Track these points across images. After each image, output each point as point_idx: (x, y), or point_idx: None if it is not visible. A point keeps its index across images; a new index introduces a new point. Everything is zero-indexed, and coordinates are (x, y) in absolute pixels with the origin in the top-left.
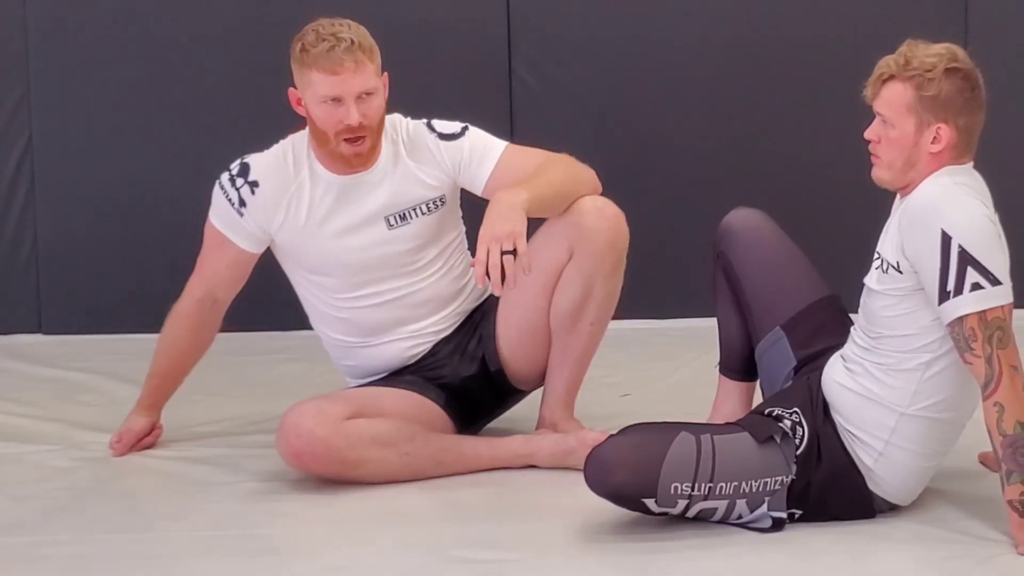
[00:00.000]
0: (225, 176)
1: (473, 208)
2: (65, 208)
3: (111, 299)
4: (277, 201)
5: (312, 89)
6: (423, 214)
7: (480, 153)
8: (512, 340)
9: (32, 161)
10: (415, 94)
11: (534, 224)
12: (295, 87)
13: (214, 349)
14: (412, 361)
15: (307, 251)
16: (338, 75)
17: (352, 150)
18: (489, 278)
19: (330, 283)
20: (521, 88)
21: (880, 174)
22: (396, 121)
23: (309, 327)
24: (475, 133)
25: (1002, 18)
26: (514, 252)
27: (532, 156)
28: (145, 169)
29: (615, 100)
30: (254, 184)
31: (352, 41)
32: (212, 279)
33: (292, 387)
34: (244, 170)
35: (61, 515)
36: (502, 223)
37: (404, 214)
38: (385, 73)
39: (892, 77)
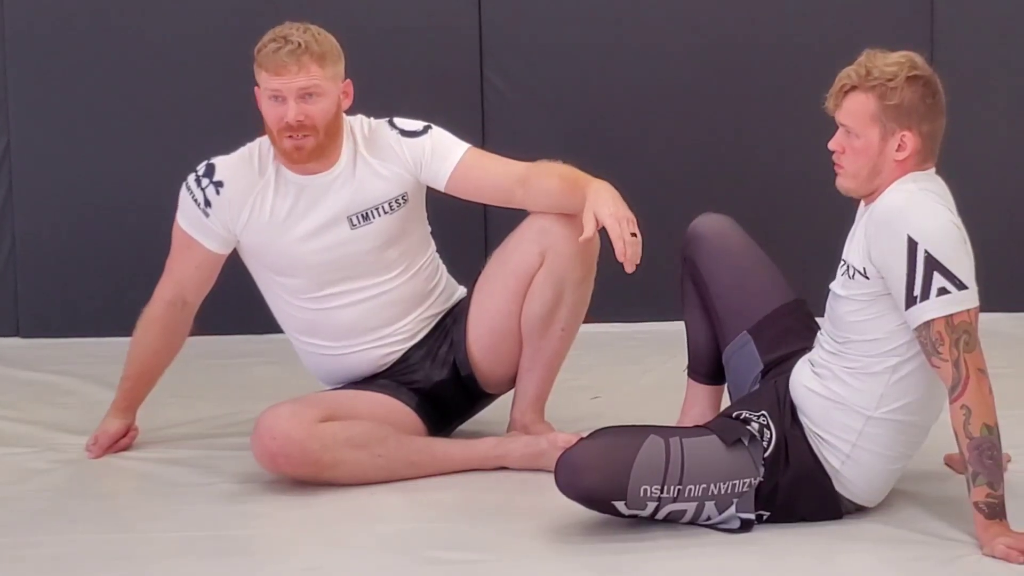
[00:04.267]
0: (191, 177)
1: (439, 207)
2: (43, 212)
3: (88, 302)
4: (242, 201)
5: (262, 87)
6: (385, 213)
7: (443, 149)
8: (483, 344)
9: (10, 166)
10: (387, 99)
11: (511, 226)
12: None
13: (189, 352)
14: (385, 367)
15: (271, 252)
16: (280, 76)
17: (293, 143)
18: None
19: (295, 284)
20: (493, 94)
21: (845, 183)
22: (357, 121)
23: (283, 331)
24: (438, 131)
25: (968, 24)
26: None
27: (500, 159)
28: (122, 174)
29: (586, 106)
30: (219, 184)
31: (300, 44)
32: (181, 281)
33: (266, 390)
34: (209, 171)
35: (38, 516)
36: (622, 207)
37: (367, 213)
38: (348, 80)
39: (854, 88)
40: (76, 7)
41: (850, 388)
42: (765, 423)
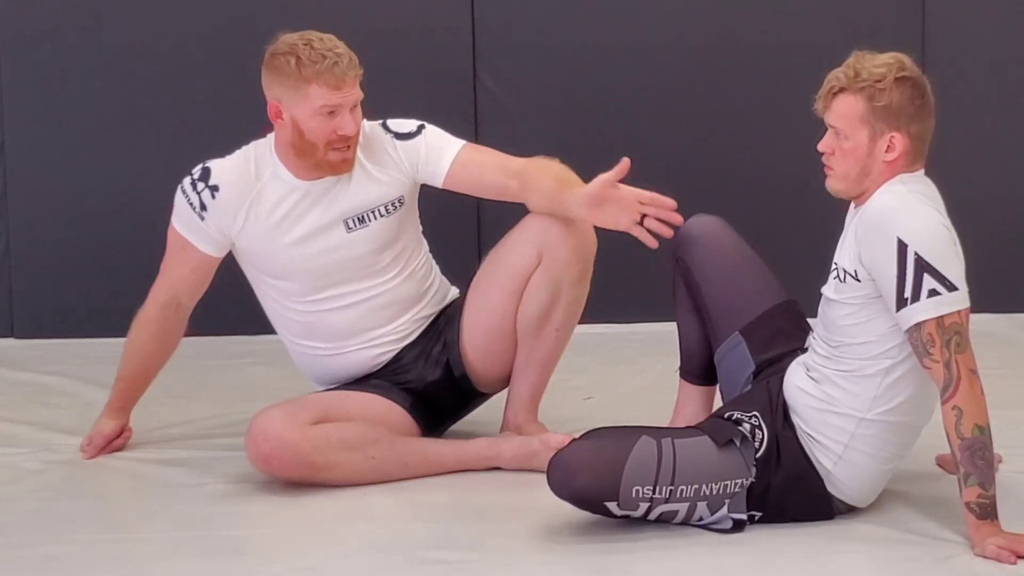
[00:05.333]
0: (187, 180)
1: (431, 207)
2: (37, 213)
3: (83, 303)
4: (237, 206)
5: (308, 102)
6: (382, 216)
7: (438, 148)
8: (478, 344)
9: (4, 167)
10: (380, 101)
11: (504, 227)
12: (271, 99)
13: (182, 353)
14: (378, 367)
15: (267, 256)
16: (340, 89)
17: (341, 156)
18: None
19: (291, 287)
20: (485, 95)
21: (835, 185)
22: None
23: (276, 331)
24: (432, 130)
25: (959, 25)
26: None
27: (495, 153)
28: (116, 175)
29: (578, 107)
30: (215, 188)
31: (350, 57)
32: (176, 283)
33: (259, 390)
34: (205, 174)
35: (33, 517)
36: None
37: (363, 216)
38: None
39: (843, 89)
40: (71, 9)
41: (844, 391)
42: (757, 424)
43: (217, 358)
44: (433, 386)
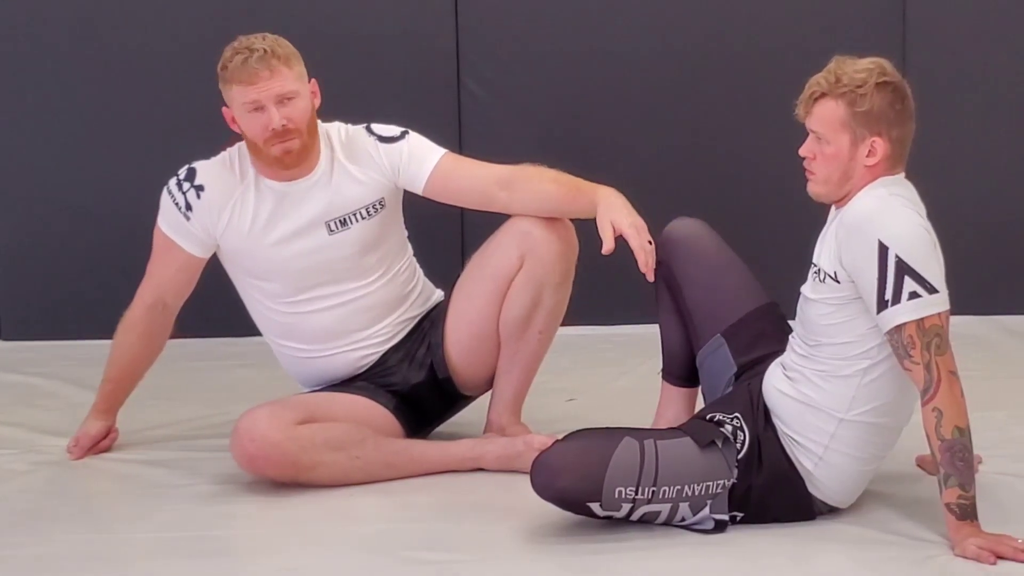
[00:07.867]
0: (173, 181)
1: (416, 210)
2: (22, 215)
3: (69, 305)
4: (222, 206)
5: (235, 102)
6: (363, 218)
7: (421, 153)
8: (462, 347)
9: None
10: (364, 106)
11: (487, 230)
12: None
13: (169, 354)
14: (363, 369)
15: (250, 257)
16: (254, 84)
17: (282, 148)
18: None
19: (274, 288)
20: (469, 100)
21: (816, 189)
22: (334, 128)
23: (260, 333)
24: (415, 136)
25: (939, 28)
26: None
27: (478, 162)
28: (103, 177)
29: (562, 112)
30: (200, 188)
31: (265, 51)
32: (162, 284)
33: (246, 392)
34: (191, 175)
35: (20, 517)
36: (635, 215)
37: (344, 219)
38: (314, 80)
39: (824, 94)
40: (57, 10)
41: (821, 391)
42: (738, 425)
43: (203, 360)
44: (418, 388)
